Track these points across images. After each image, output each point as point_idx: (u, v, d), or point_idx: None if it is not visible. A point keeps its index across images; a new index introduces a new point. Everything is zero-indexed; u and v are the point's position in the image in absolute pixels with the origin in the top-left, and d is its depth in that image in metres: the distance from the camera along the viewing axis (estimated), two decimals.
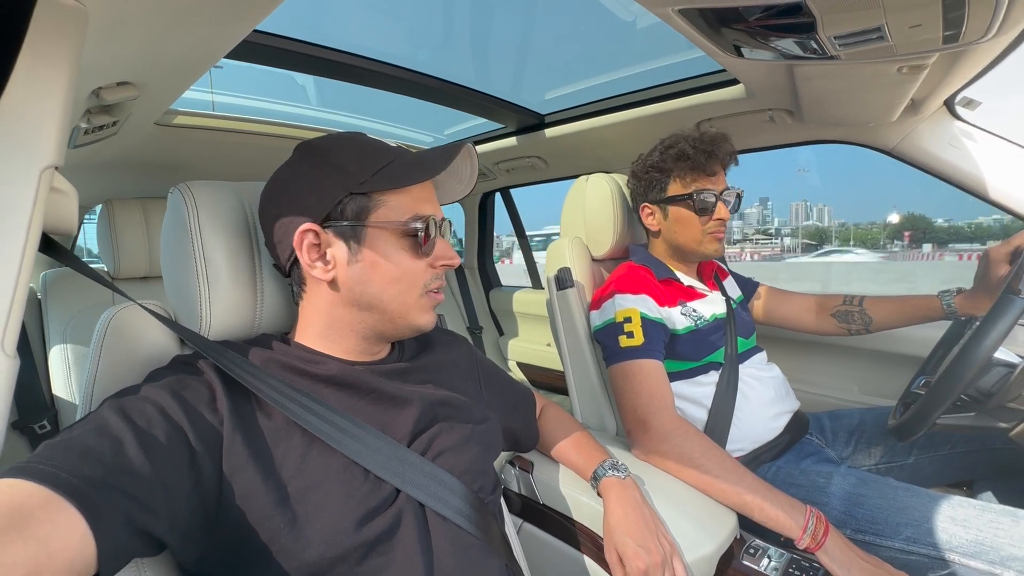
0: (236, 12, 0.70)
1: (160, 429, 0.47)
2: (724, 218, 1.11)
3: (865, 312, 1.22)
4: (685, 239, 1.14)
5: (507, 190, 2.45)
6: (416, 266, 0.61)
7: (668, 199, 1.14)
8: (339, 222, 0.59)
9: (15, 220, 0.46)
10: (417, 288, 0.62)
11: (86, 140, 1.12)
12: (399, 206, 0.60)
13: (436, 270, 0.64)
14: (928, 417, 0.87)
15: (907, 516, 0.85)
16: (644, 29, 1.43)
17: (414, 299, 0.62)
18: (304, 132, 1.60)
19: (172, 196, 0.65)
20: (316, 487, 0.52)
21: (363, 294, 0.60)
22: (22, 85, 0.46)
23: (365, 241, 0.59)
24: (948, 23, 0.62)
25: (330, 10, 1.54)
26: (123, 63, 0.79)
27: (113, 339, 0.61)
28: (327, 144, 0.62)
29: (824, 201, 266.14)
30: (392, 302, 0.61)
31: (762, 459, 1.08)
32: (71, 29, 0.50)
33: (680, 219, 1.14)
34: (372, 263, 0.59)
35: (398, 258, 0.60)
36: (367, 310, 0.61)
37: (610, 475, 0.81)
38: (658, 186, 1.15)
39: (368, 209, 0.59)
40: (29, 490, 0.36)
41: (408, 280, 0.61)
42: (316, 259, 0.60)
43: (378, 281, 0.60)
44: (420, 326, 0.64)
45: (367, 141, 0.63)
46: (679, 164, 1.11)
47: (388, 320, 0.62)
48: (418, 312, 0.63)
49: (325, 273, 0.60)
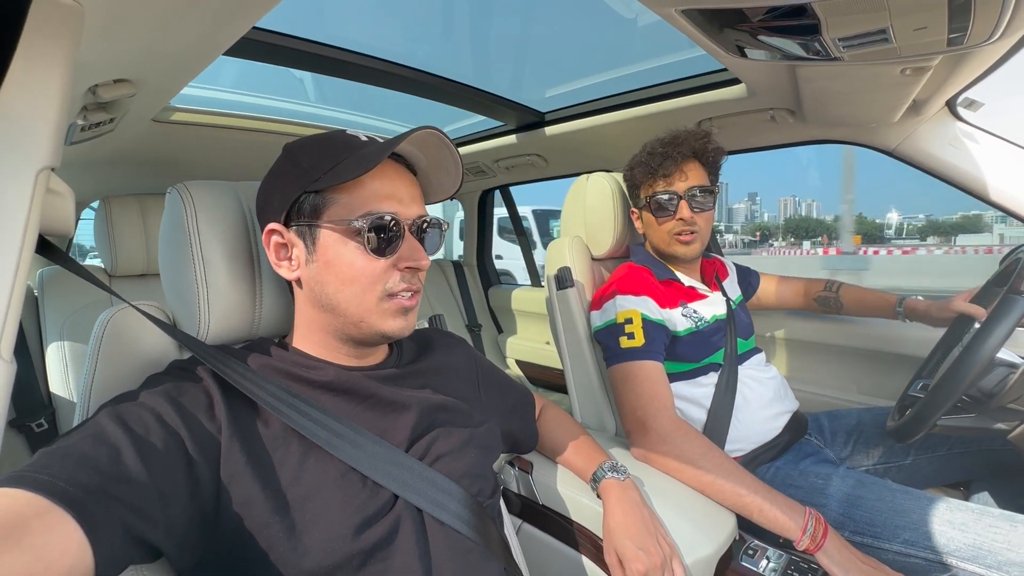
0: (235, 9, 0.69)
1: (157, 436, 0.46)
2: (684, 218, 1.10)
3: (839, 299, 1.33)
4: (656, 242, 1.18)
5: (506, 187, 2.44)
6: (373, 267, 0.57)
7: (641, 205, 1.19)
8: (298, 221, 0.58)
9: (11, 223, 0.46)
10: (375, 291, 0.58)
11: (83, 137, 1.11)
12: (350, 203, 0.57)
13: (400, 272, 0.59)
14: (929, 418, 0.87)
15: (905, 519, 0.85)
16: (645, 27, 1.42)
17: (372, 302, 0.58)
18: (302, 128, 1.59)
19: (170, 196, 0.65)
20: (314, 494, 0.52)
21: (321, 295, 0.59)
22: (17, 86, 0.45)
23: (319, 240, 0.58)
24: (954, 25, 0.61)
25: (330, 7, 1.52)
26: (120, 60, 0.78)
27: (110, 342, 0.61)
28: (300, 143, 0.62)
29: (813, 197, 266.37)
30: (349, 304, 0.58)
31: (761, 460, 1.08)
32: (67, 28, 0.50)
33: (649, 223, 1.18)
34: (326, 263, 0.58)
35: (351, 258, 0.57)
36: (329, 312, 0.60)
37: (609, 477, 0.81)
38: (634, 193, 1.20)
39: (320, 207, 0.57)
40: (25, 499, 0.36)
41: (364, 281, 0.57)
42: (283, 258, 0.60)
43: (333, 282, 0.58)
44: (384, 332, 0.59)
45: (333, 138, 0.60)
46: (639, 170, 1.16)
47: (351, 324, 0.59)
48: (379, 317, 0.59)
49: (291, 272, 0.60)
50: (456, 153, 0.63)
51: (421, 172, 0.66)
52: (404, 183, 0.61)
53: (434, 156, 0.63)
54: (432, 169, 0.65)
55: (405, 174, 0.62)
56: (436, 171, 0.66)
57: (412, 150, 0.62)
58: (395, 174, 0.60)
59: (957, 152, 1.13)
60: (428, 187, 0.68)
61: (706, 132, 1.13)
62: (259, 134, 1.52)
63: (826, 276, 1.42)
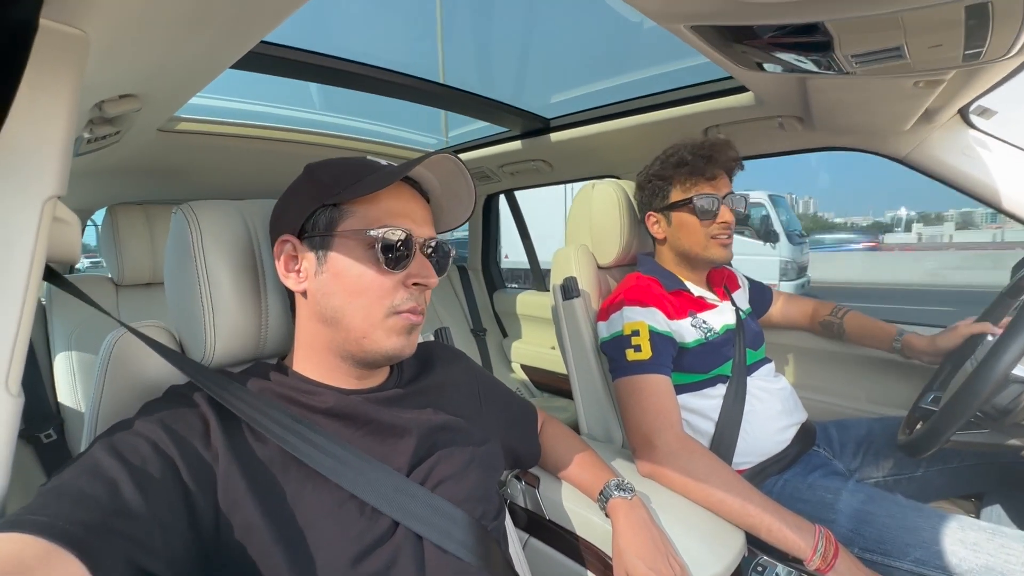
0: (241, 26, 0.69)
1: (154, 466, 0.46)
2: (727, 221, 1.11)
3: (842, 324, 1.34)
4: (690, 244, 1.14)
5: (511, 192, 2.44)
6: (382, 281, 0.58)
7: (670, 205, 1.15)
8: (312, 233, 0.59)
9: (18, 253, 0.46)
10: (383, 305, 0.58)
11: (88, 149, 1.11)
12: (367, 216, 0.58)
13: (409, 289, 0.60)
14: (942, 434, 0.86)
15: (916, 537, 0.84)
16: (651, 32, 1.40)
17: (378, 317, 0.58)
18: (308, 137, 1.58)
19: (175, 217, 0.65)
20: (312, 523, 0.51)
21: (327, 306, 0.59)
22: (22, 117, 0.45)
23: (331, 250, 0.58)
24: (970, 42, 0.60)
25: (335, 19, 1.52)
26: (125, 78, 0.78)
27: (116, 365, 0.61)
28: (323, 163, 0.63)
29: (810, 194, 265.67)
30: (354, 317, 0.58)
31: (769, 472, 1.07)
32: (71, 56, 0.49)
33: (683, 224, 1.14)
34: (335, 273, 0.58)
35: (361, 269, 0.57)
36: (332, 325, 0.59)
37: (616, 495, 0.80)
38: (660, 194, 1.16)
39: (336, 219, 0.58)
40: (25, 543, 0.36)
41: (372, 295, 0.58)
42: (291, 270, 0.61)
43: (340, 292, 0.58)
44: (386, 351, 0.59)
45: (355, 160, 0.63)
46: (679, 170, 1.13)
47: (352, 339, 0.59)
48: (384, 333, 0.58)
49: (298, 283, 0.60)
50: (471, 182, 0.64)
51: (434, 199, 0.67)
52: (418, 205, 0.63)
53: (450, 184, 0.65)
54: (445, 196, 0.67)
55: (419, 198, 0.64)
56: (449, 199, 0.67)
57: (428, 176, 0.63)
58: (410, 196, 0.63)
59: (970, 160, 1.11)
60: (440, 214, 0.69)
61: (732, 143, 1.13)
62: (265, 142, 1.51)
63: None
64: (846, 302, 1.38)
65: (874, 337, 1.28)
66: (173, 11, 0.59)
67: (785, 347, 1.57)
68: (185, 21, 0.63)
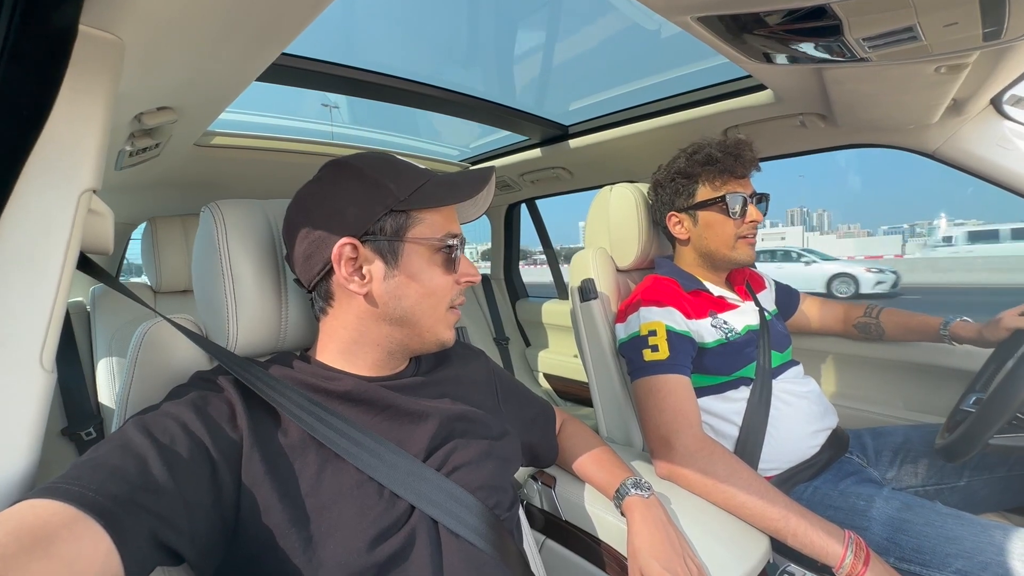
0: (264, 36, 0.73)
1: (182, 445, 0.48)
2: (757, 220, 1.09)
3: (880, 324, 1.28)
4: (717, 244, 1.12)
5: (532, 201, 2.46)
6: (446, 281, 0.64)
7: (697, 204, 1.12)
8: (377, 237, 0.60)
9: (55, 241, 0.49)
10: (445, 303, 0.64)
11: (131, 162, 1.19)
12: (434, 224, 0.62)
13: (460, 286, 0.66)
14: (980, 437, 0.81)
15: (957, 546, 0.79)
16: (668, 38, 1.41)
17: (442, 314, 0.64)
18: (335, 149, 1.65)
19: (203, 215, 0.68)
20: (330, 505, 0.52)
21: (397, 308, 0.62)
22: (63, 115, 0.49)
23: (402, 257, 0.61)
24: (988, 20, 0.58)
25: (359, 32, 1.59)
26: (161, 89, 0.83)
27: (147, 353, 0.64)
28: (360, 162, 0.63)
29: (824, 206, 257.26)
30: (424, 317, 0.63)
31: (798, 479, 1.03)
32: (108, 61, 0.54)
33: (711, 224, 1.12)
34: (408, 278, 0.61)
35: (431, 273, 0.62)
36: (398, 324, 0.63)
37: (633, 494, 0.79)
38: (685, 192, 1.14)
39: (406, 226, 0.61)
40: (54, 509, 0.38)
41: (439, 295, 0.63)
42: (352, 273, 0.60)
43: (412, 296, 0.62)
44: (444, 340, 0.66)
45: (399, 161, 0.65)
46: (707, 168, 1.10)
47: (417, 335, 0.64)
48: (444, 327, 0.65)
49: (361, 287, 0.60)
50: (492, 190, 0.69)
51: None
52: (454, 209, 0.68)
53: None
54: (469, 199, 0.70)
55: None
56: (470, 203, 0.71)
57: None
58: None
59: (1006, 152, 1.06)
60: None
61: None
62: (294, 155, 1.59)
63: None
64: None
65: (917, 331, 1.22)
66: (204, 20, 0.63)
67: (816, 352, 1.51)
68: (214, 31, 0.67)
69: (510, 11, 1.55)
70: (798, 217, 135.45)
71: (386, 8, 1.73)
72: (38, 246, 0.48)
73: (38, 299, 0.47)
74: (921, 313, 1.23)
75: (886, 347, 1.36)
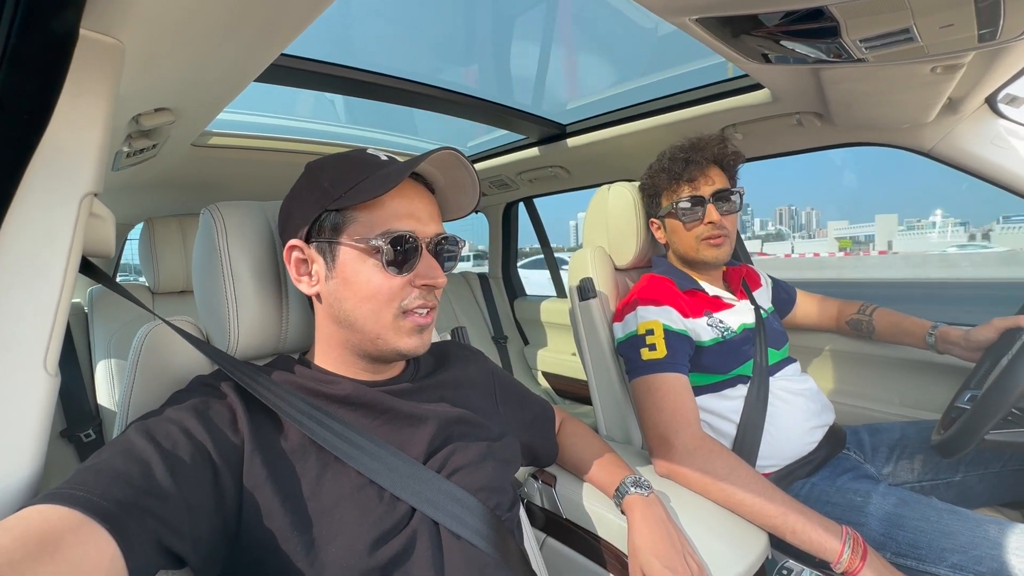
0: (263, 38, 0.73)
1: (184, 450, 0.48)
2: (714, 221, 1.09)
3: (872, 322, 1.29)
4: (684, 248, 1.15)
5: (530, 200, 2.46)
6: (390, 284, 0.58)
7: (663, 213, 1.17)
8: (319, 238, 0.60)
9: (57, 244, 0.49)
10: (392, 308, 0.59)
11: (128, 163, 1.18)
12: (371, 221, 0.58)
13: (417, 289, 0.60)
14: (976, 433, 0.82)
15: (953, 541, 0.80)
16: (665, 36, 1.41)
17: (389, 319, 0.59)
18: (332, 148, 1.64)
19: (203, 217, 0.68)
20: (332, 508, 0.52)
21: (340, 311, 0.60)
22: (63, 119, 0.49)
23: (338, 257, 0.59)
24: (983, 21, 0.59)
25: (355, 31, 1.58)
26: (160, 91, 0.83)
27: (148, 356, 0.64)
28: (318, 162, 0.64)
29: (812, 205, 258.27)
30: (366, 321, 0.59)
31: (795, 476, 1.04)
32: (109, 65, 0.54)
33: (675, 230, 1.16)
34: (344, 279, 0.59)
35: (368, 275, 0.58)
36: (346, 328, 0.61)
37: (633, 492, 0.79)
38: (654, 202, 1.19)
39: (340, 225, 0.59)
40: (60, 514, 0.38)
41: (381, 298, 0.59)
42: (303, 274, 0.62)
43: (351, 298, 0.59)
44: (400, 350, 0.60)
45: (353, 158, 0.62)
46: (660, 177, 1.15)
47: (367, 340, 0.60)
48: (395, 334, 0.60)
49: (310, 287, 0.62)
50: (473, 172, 0.64)
51: (439, 191, 0.67)
52: (422, 202, 0.62)
53: (452, 175, 0.65)
54: (449, 188, 0.67)
55: (424, 193, 0.64)
56: (453, 190, 0.67)
57: (431, 170, 0.64)
58: (414, 193, 0.62)
59: (1000, 151, 1.07)
60: (445, 205, 0.69)
61: (723, 137, 1.13)
62: (292, 155, 1.58)
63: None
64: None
65: (907, 332, 1.22)
66: (204, 23, 0.63)
67: (813, 349, 1.52)
68: (214, 33, 0.67)
69: (507, 10, 1.55)
70: (786, 215, 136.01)
71: (383, 7, 1.72)
72: (41, 251, 0.48)
73: (41, 303, 0.48)
74: (912, 316, 1.24)
75: (883, 344, 1.37)
